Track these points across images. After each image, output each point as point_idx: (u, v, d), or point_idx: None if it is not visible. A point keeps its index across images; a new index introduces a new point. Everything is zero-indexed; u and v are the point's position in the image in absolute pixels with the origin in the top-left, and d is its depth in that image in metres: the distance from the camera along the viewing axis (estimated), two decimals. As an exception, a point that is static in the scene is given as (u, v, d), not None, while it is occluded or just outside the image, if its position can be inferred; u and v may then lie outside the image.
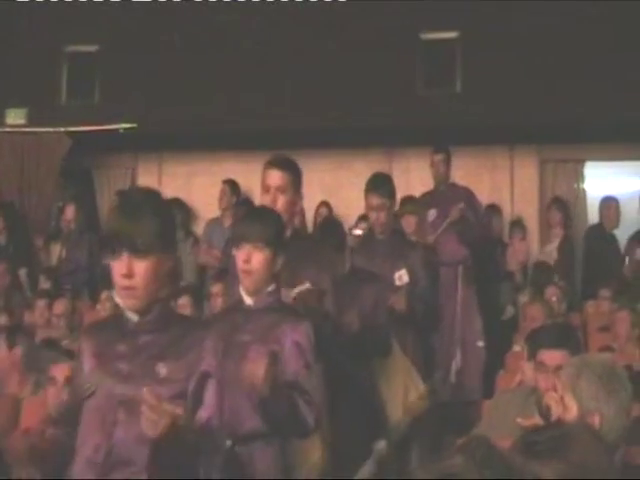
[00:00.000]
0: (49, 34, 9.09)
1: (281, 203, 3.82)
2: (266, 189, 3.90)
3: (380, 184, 5.17)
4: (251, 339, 3.30)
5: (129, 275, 2.53)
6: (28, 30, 9.11)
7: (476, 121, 8.41)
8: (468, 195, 7.50)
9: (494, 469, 1.63)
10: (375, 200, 5.11)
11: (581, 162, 8.95)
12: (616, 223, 8.21)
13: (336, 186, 8.77)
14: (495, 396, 4.43)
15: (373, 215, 5.17)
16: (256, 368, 3.11)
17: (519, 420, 3.07)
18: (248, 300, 3.40)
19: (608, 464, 1.93)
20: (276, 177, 3.86)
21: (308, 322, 3.33)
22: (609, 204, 8.27)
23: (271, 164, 3.92)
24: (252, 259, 3.33)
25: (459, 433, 4.98)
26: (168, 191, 8.15)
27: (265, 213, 3.56)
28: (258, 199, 8.59)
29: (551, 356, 3.53)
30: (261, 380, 3.09)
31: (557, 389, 3.21)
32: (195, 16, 8.88)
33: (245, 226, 3.43)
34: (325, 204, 8.57)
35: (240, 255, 3.35)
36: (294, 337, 3.28)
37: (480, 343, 7.13)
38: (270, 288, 3.39)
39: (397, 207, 7.60)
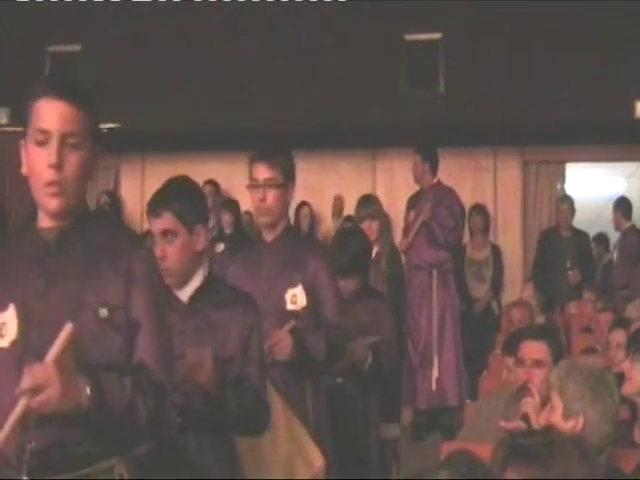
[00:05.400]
0: (32, 34, 9.05)
1: None
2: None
3: (272, 155, 3.55)
4: None
5: None
6: (11, 29, 9.07)
7: (459, 122, 8.43)
8: (448, 195, 7.01)
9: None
10: (262, 172, 3.50)
11: (563, 163, 8.99)
12: (569, 223, 7.87)
13: (320, 187, 8.76)
14: (478, 400, 4.45)
15: (257, 195, 3.49)
16: None
17: (502, 423, 3.09)
18: None
19: (590, 475, 1.93)
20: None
21: None
22: (563, 205, 8.00)
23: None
24: None
25: (444, 437, 4.98)
26: (151, 191, 8.09)
27: None
28: (241, 199, 8.68)
29: (530, 347, 3.59)
30: None
31: (535, 384, 3.26)
32: (178, 17, 8.85)
33: None
34: (306, 204, 8.53)
35: None
36: None
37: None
38: None
39: (354, 209, 7.20)
